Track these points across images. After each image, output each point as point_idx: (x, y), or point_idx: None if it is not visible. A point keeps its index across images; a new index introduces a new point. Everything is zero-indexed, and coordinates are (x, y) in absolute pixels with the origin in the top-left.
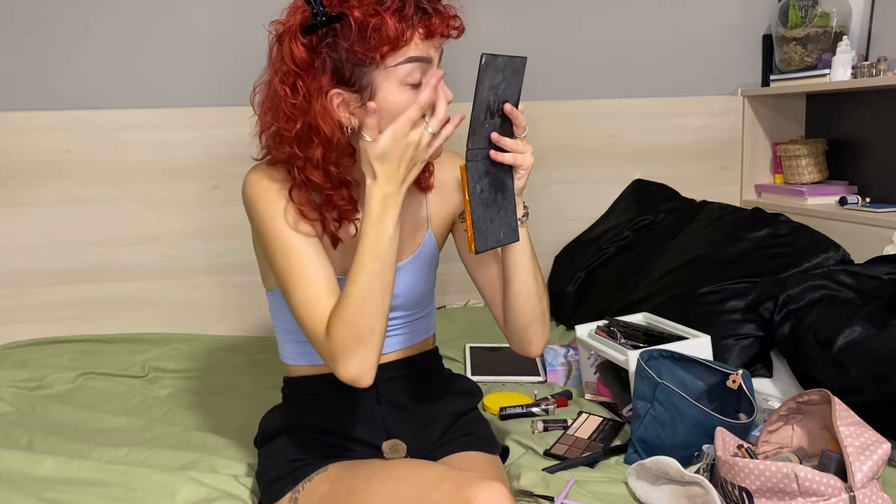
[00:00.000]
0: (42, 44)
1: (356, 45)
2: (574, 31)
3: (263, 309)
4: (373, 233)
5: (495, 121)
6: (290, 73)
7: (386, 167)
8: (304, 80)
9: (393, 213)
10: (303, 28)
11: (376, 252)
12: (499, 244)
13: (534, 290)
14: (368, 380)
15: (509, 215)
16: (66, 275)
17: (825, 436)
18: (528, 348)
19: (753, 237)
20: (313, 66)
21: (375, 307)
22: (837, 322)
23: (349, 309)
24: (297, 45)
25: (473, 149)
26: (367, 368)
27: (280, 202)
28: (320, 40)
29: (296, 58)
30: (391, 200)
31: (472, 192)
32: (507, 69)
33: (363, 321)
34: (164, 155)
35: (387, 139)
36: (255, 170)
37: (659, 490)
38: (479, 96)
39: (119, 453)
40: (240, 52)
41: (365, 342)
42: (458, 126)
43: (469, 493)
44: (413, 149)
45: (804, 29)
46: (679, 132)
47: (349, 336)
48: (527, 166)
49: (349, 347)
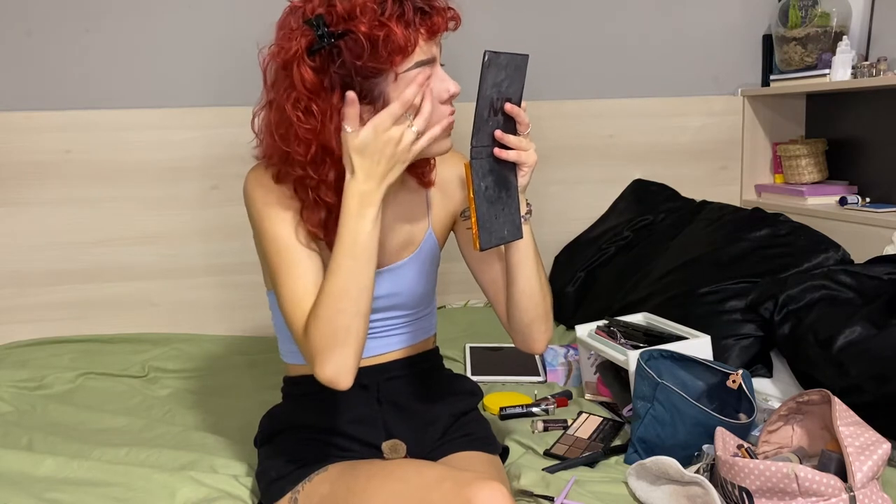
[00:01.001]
0: (42, 44)
1: (368, 60)
2: (574, 32)
3: (263, 309)
4: (349, 230)
5: (499, 118)
6: (301, 97)
7: (365, 161)
8: (316, 104)
9: (370, 210)
10: (308, 51)
11: (353, 250)
12: (503, 241)
13: (537, 288)
14: (346, 382)
15: (513, 213)
16: (66, 275)
17: (825, 436)
18: (532, 345)
19: (753, 237)
20: (323, 87)
21: (350, 307)
22: (837, 322)
23: (324, 308)
24: (306, 69)
25: (478, 146)
26: (344, 370)
27: (280, 202)
28: (326, 60)
29: (306, 82)
30: (368, 198)
31: (477, 189)
32: (509, 66)
33: (338, 321)
34: (164, 155)
35: (367, 132)
36: (258, 168)
37: (659, 490)
38: (482, 93)
39: (119, 453)
40: (240, 52)
41: (341, 343)
42: (447, 128)
43: (469, 493)
44: (393, 145)
45: (804, 29)
46: (679, 132)
47: (324, 335)
48: (530, 163)
49: (325, 347)
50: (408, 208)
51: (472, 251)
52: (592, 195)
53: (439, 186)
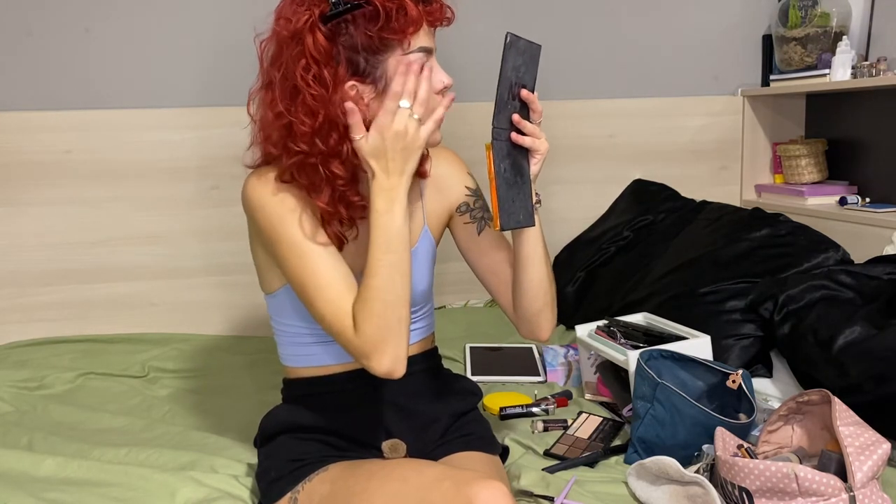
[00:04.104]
0: (42, 44)
1: (382, 30)
2: (574, 32)
3: (263, 309)
4: (382, 227)
5: (516, 103)
6: (311, 64)
7: (381, 162)
8: (327, 70)
9: (399, 205)
10: (324, 17)
11: (389, 245)
12: (519, 226)
13: (546, 276)
14: (402, 370)
15: (526, 199)
16: (67, 275)
17: (825, 436)
18: (538, 333)
19: (753, 237)
20: (332, 56)
21: (399, 297)
22: (837, 322)
23: (375, 302)
24: (319, 35)
25: (498, 127)
26: (400, 359)
27: (289, 204)
28: (336, 32)
29: (319, 47)
30: (394, 193)
31: (497, 170)
32: (526, 53)
33: (390, 313)
34: (164, 155)
35: (374, 136)
36: (258, 174)
37: (659, 490)
38: (503, 75)
39: (119, 453)
40: (240, 52)
41: (394, 333)
42: (449, 108)
43: (469, 492)
44: (402, 138)
45: (804, 29)
46: (679, 132)
47: (379, 329)
48: (543, 151)
49: (382, 340)
50: None
51: (473, 245)
52: (592, 195)
53: (433, 182)
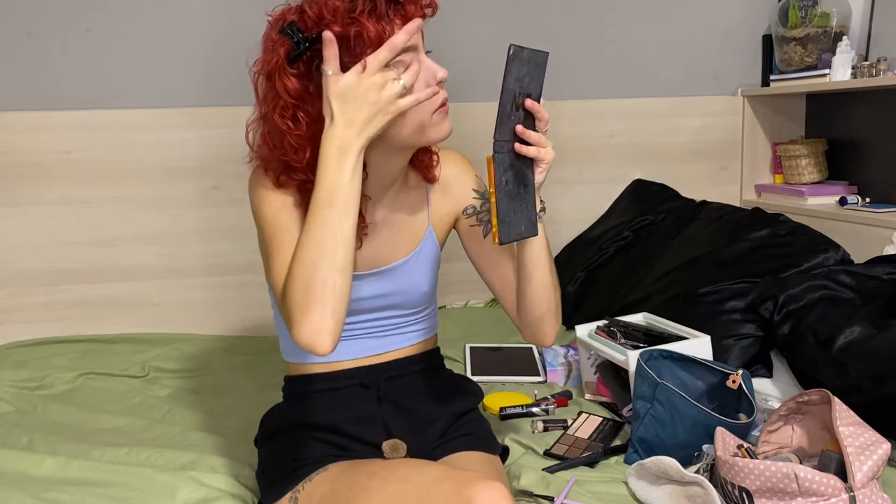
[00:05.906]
0: (42, 44)
1: (344, 57)
2: (574, 32)
3: (263, 309)
4: (328, 180)
5: (520, 113)
6: (288, 106)
7: (346, 107)
8: (303, 110)
9: (349, 161)
10: (288, 59)
11: (330, 199)
12: (520, 237)
13: (550, 283)
14: (325, 344)
15: (530, 209)
16: (66, 275)
17: (825, 436)
18: (541, 338)
19: (753, 237)
20: (309, 93)
21: (327, 259)
22: (837, 322)
23: (300, 262)
24: (288, 78)
25: (500, 140)
26: (322, 330)
27: (280, 193)
28: (308, 65)
29: (290, 90)
30: (347, 147)
31: (499, 183)
32: (531, 62)
33: (315, 275)
34: (164, 155)
35: (350, 75)
36: (259, 171)
37: (659, 490)
38: (506, 87)
39: (119, 453)
40: (240, 52)
41: (317, 299)
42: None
43: (469, 492)
44: (377, 91)
45: (804, 29)
46: (679, 132)
47: (300, 292)
48: (548, 160)
49: (302, 305)
50: (408, 207)
51: (479, 248)
52: (592, 195)
53: (440, 185)
